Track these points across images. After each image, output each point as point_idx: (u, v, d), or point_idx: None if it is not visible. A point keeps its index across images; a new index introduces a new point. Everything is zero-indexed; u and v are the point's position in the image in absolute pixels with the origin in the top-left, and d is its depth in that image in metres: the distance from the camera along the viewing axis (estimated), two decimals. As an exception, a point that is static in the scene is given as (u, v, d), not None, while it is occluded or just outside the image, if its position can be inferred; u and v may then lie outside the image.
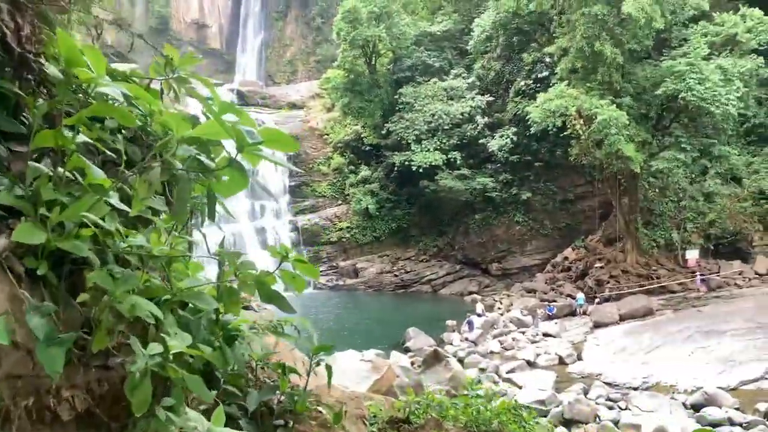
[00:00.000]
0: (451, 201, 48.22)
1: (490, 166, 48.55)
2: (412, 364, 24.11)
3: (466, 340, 31.05)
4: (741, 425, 17.97)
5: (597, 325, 31.86)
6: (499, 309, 38.53)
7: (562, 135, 38.88)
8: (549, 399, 20.27)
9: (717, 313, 30.33)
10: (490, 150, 46.77)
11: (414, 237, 51.36)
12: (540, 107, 35.93)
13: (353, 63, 50.38)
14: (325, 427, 3.18)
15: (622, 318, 32.21)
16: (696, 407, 19.39)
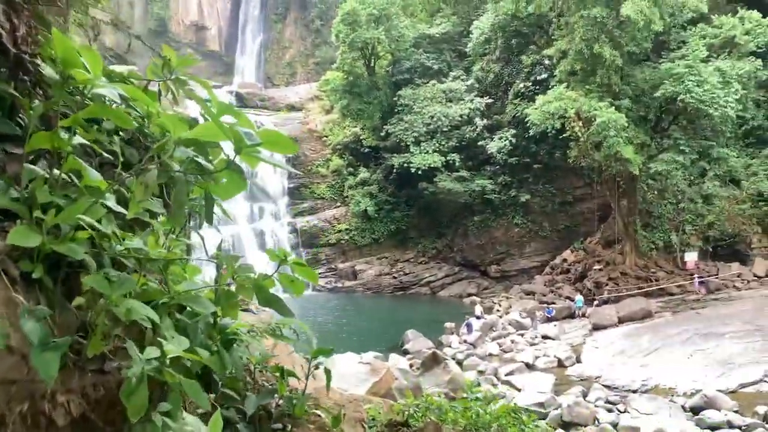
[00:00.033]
0: (450, 203, 48.24)
1: (488, 168, 48.60)
2: (410, 366, 24.06)
3: (464, 342, 31.03)
4: (740, 428, 17.98)
5: (596, 328, 31.84)
6: (498, 311, 38.50)
7: (561, 137, 38.91)
8: (548, 401, 20.27)
9: (716, 316, 30.36)
10: (488, 152, 46.82)
11: (413, 239, 51.37)
12: (539, 109, 35.98)
13: (352, 65, 50.42)
14: (324, 431, 3.16)
15: (620, 320, 32.20)
16: (695, 410, 19.39)
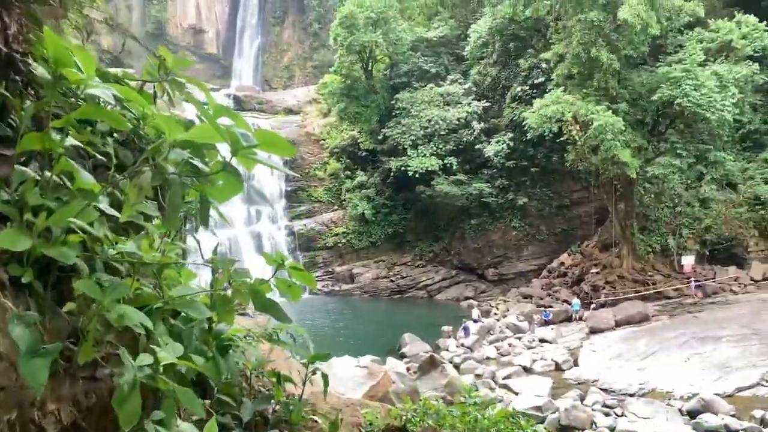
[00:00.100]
0: (447, 206, 48.22)
1: (486, 171, 48.59)
2: (407, 370, 24.02)
3: (462, 345, 30.96)
4: (737, 432, 17.99)
5: (593, 331, 31.81)
6: (495, 314, 38.45)
7: (558, 140, 38.92)
8: (545, 405, 20.25)
9: (713, 319, 30.38)
10: (486, 155, 46.82)
11: (410, 242, 51.32)
12: (536, 113, 36.01)
13: (350, 68, 50.40)
14: (321, 437, 3.12)
15: (618, 324, 32.19)
16: (692, 414, 19.36)
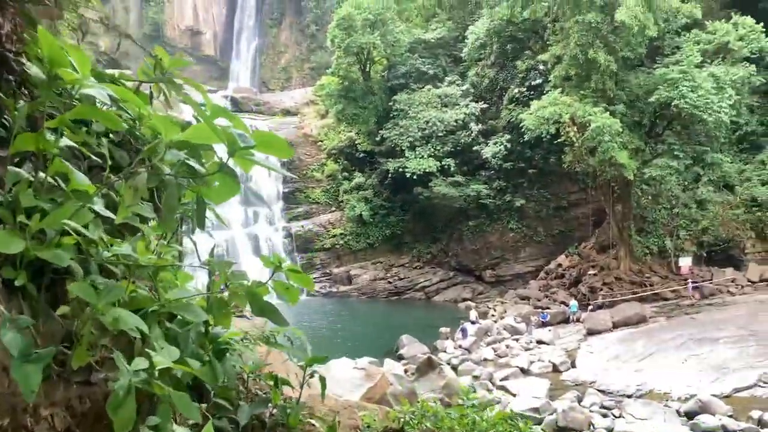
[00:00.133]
0: (445, 208, 48.21)
1: (483, 173, 48.61)
2: (405, 371, 23.95)
3: (459, 347, 30.92)
4: (735, 433, 17.98)
5: (590, 333, 31.80)
6: (493, 316, 38.43)
7: (555, 142, 38.97)
8: (543, 407, 20.22)
9: (710, 321, 30.40)
10: (484, 157, 46.85)
11: (408, 244, 51.28)
12: (534, 114, 36.04)
13: (348, 70, 50.38)
14: (319, 441, 3.09)
15: (615, 325, 32.19)
16: (690, 415, 19.34)
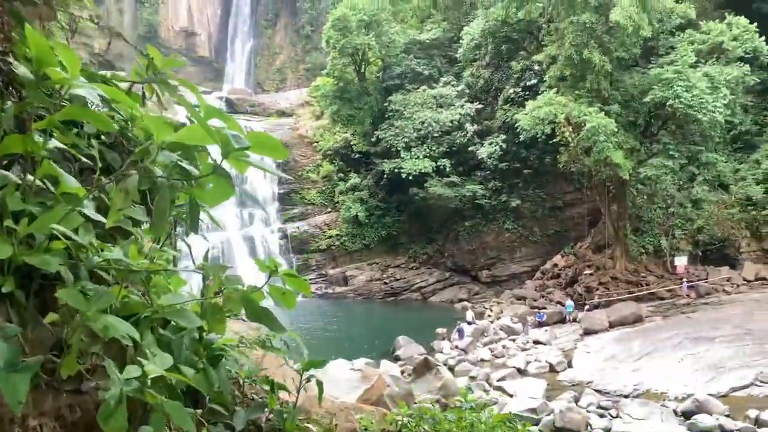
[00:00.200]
0: (441, 208, 48.20)
1: (479, 173, 48.62)
2: (402, 372, 23.88)
3: (456, 348, 30.88)
4: (732, 432, 17.99)
5: (587, 332, 31.82)
6: (489, 316, 38.42)
7: (551, 142, 39.01)
8: (540, 407, 20.18)
9: (706, 320, 30.45)
10: (479, 157, 46.86)
11: (403, 244, 51.26)
12: (529, 115, 36.06)
13: (343, 71, 50.30)
14: (316, 446, 3.04)
15: (611, 325, 32.21)
16: (687, 414, 19.34)
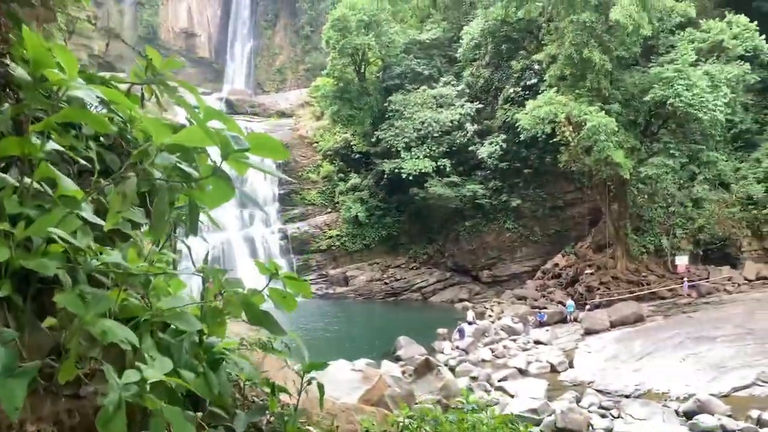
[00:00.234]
0: (441, 208, 48.16)
1: (479, 173, 48.57)
2: (403, 373, 23.85)
3: (457, 348, 30.84)
4: (734, 432, 17.96)
5: (588, 332, 31.77)
6: (490, 316, 38.38)
7: (551, 142, 38.96)
8: (541, 408, 20.13)
9: (707, 319, 30.41)
10: (479, 157, 46.82)
11: (404, 245, 51.21)
12: (529, 114, 36.01)
13: (342, 71, 50.27)
14: (318, 449, 3.03)
15: (612, 325, 32.16)
16: (688, 414, 19.31)
